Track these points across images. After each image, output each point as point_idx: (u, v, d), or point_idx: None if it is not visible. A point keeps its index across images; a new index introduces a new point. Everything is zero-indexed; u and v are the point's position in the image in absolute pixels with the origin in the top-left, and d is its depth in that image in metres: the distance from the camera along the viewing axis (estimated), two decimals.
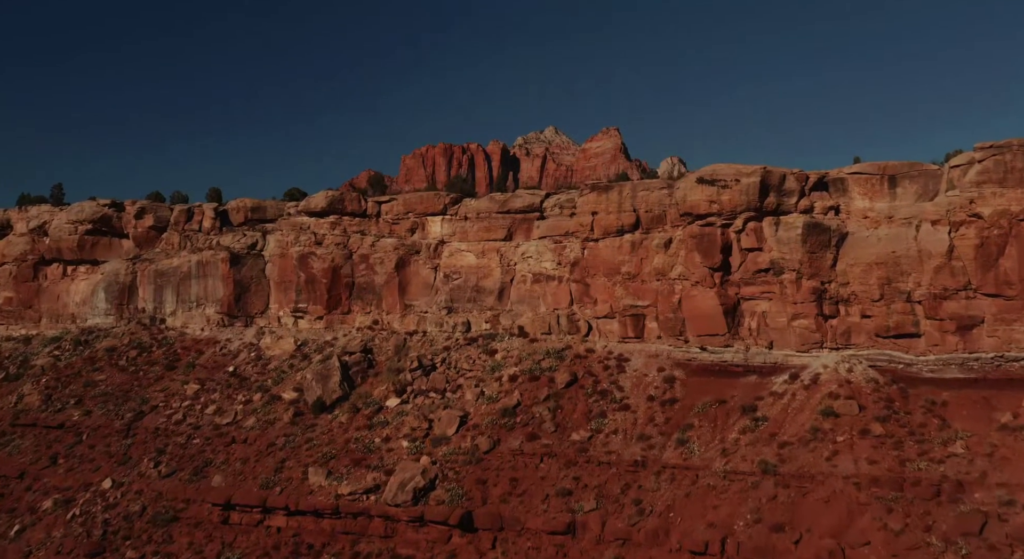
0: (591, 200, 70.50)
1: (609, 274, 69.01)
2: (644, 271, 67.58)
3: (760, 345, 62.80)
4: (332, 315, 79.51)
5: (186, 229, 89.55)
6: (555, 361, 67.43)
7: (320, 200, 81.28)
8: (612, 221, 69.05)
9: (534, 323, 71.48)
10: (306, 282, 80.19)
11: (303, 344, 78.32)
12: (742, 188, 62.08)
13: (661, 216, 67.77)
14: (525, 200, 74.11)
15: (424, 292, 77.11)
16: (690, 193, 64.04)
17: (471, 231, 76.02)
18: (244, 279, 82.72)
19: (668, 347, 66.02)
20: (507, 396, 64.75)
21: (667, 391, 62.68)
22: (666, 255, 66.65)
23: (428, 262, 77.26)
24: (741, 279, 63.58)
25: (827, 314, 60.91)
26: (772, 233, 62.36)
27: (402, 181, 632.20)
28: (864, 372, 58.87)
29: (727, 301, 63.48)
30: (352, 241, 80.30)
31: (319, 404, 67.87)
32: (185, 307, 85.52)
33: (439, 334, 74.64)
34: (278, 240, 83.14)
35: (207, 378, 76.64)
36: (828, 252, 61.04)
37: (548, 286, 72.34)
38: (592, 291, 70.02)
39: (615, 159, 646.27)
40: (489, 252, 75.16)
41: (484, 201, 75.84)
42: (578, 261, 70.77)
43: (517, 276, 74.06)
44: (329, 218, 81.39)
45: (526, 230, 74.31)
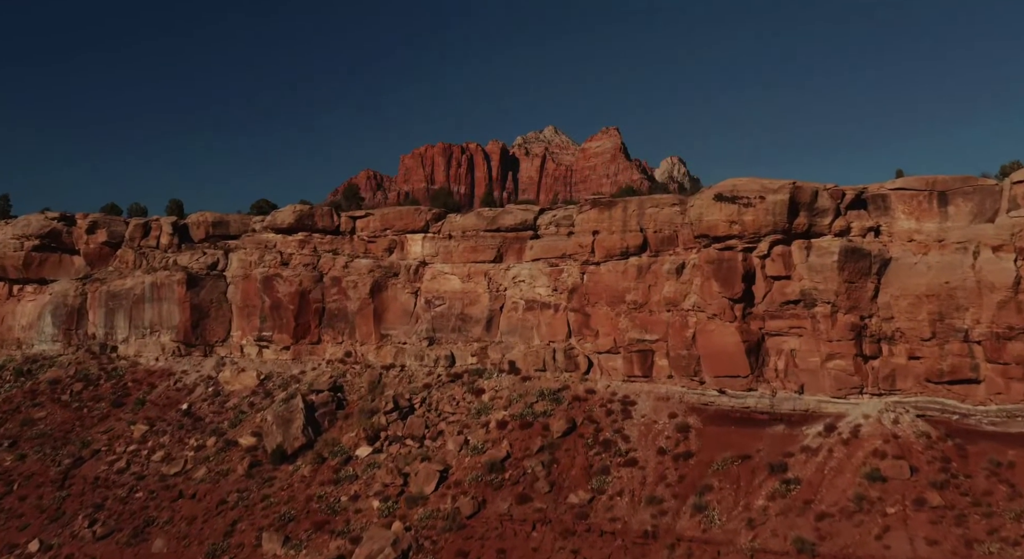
0: (591, 217, 61.70)
1: (612, 303, 60.23)
2: (652, 300, 58.80)
3: (789, 389, 53.99)
4: (300, 345, 70.62)
5: (142, 246, 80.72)
6: (550, 404, 58.57)
7: (287, 215, 72.41)
8: (615, 242, 60.26)
9: (526, 358, 62.62)
10: (271, 308, 71.34)
11: (267, 378, 69.44)
12: (768, 206, 53.28)
13: (672, 237, 59.01)
14: (516, 216, 65.27)
15: (403, 320, 68.26)
16: (706, 212, 55.21)
17: (456, 251, 67.18)
18: (203, 303, 73.83)
19: (681, 389, 57.24)
20: (495, 447, 55.89)
21: (680, 442, 53.86)
22: (678, 282, 57.87)
23: (407, 286, 68.43)
24: (766, 312, 54.79)
25: (867, 354, 52.13)
26: (802, 259, 53.55)
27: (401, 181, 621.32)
28: (913, 424, 50.07)
29: (750, 337, 54.67)
30: (323, 262, 71.41)
31: (279, 453, 59.00)
32: (138, 334, 76.65)
33: (419, 369, 65.77)
34: (241, 259, 74.28)
35: (157, 418, 67.75)
36: (868, 281, 52.25)
37: (542, 315, 63.51)
38: (593, 322, 61.21)
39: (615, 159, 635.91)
40: (476, 275, 66.33)
41: (470, 217, 66.99)
42: (577, 287, 61.96)
43: (507, 303, 65.23)
44: (297, 236, 72.53)
45: (518, 251, 65.47)
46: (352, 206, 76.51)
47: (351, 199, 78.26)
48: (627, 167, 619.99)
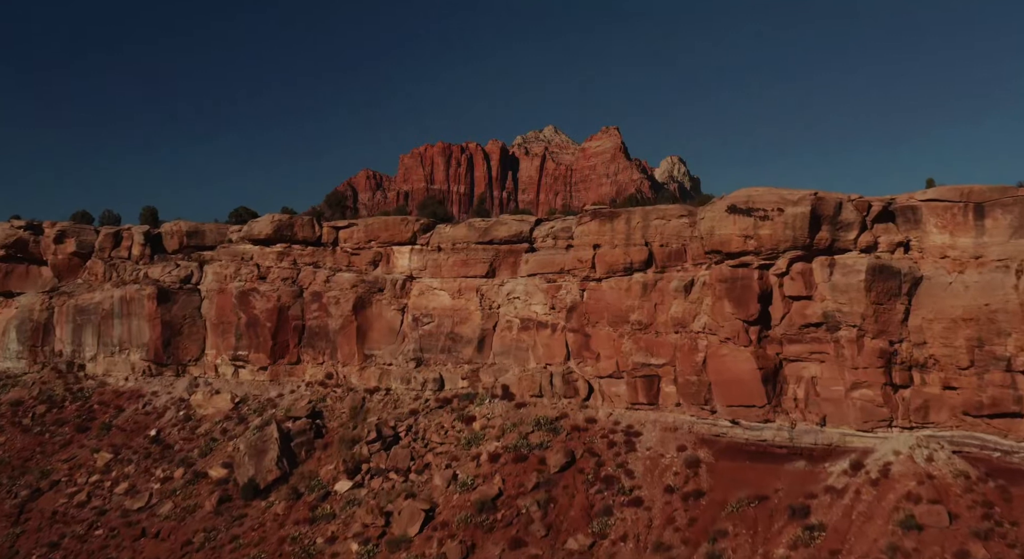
0: (592, 230, 56.68)
1: (615, 323, 55.24)
2: (659, 321, 53.81)
3: (810, 421, 48.98)
4: (278, 366, 65.60)
5: (113, 257, 75.70)
6: (547, 434, 53.56)
7: (264, 225, 67.36)
8: (618, 256, 55.27)
9: (521, 382, 57.61)
10: (247, 325, 66.30)
11: (242, 401, 64.44)
12: (787, 220, 48.24)
13: (680, 252, 54.03)
14: (511, 228, 60.23)
15: (388, 339, 63.24)
16: (719, 225, 50.17)
17: (445, 265, 62.14)
18: (175, 320, 68.79)
19: (690, 418, 52.24)
20: (486, 483, 50.88)
21: (690, 479, 48.87)
22: (687, 301, 52.87)
23: (393, 302, 63.39)
24: (784, 335, 49.77)
25: (897, 383, 47.11)
26: (825, 277, 48.51)
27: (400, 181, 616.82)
28: (949, 462, 45.06)
29: (766, 363, 49.66)
30: (303, 275, 66.36)
31: (251, 487, 54.01)
32: (107, 352, 71.63)
33: (405, 392, 60.75)
34: (216, 272, 69.25)
35: (123, 445, 62.76)
36: (898, 303, 47.22)
37: (539, 335, 58.49)
38: (593, 343, 56.21)
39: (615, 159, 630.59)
40: (467, 291, 61.32)
41: (461, 228, 61.94)
42: (576, 305, 56.96)
43: (501, 322, 60.22)
44: (276, 247, 67.47)
45: (512, 265, 60.45)
46: (336, 215, 71.51)
47: (335, 207, 73.13)
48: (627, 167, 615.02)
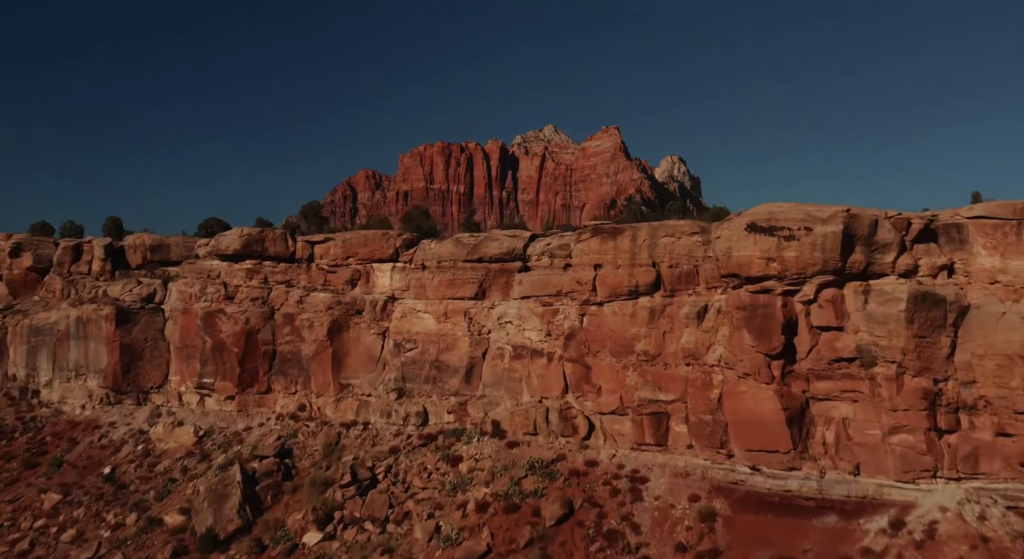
0: (592, 248, 50.66)
1: (618, 352, 49.24)
2: (668, 351, 47.81)
3: (841, 469, 42.95)
4: (246, 395, 59.57)
5: (72, 272, 69.67)
6: (542, 480, 47.53)
7: (232, 240, 61.25)
8: (622, 278, 49.25)
9: (514, 417, 51.58)
10: (212, 350, 60.25)
11: (206, 435, 58.42)
12: (815, 240, 42.17)
13: (691, 273, 48.00)
14: (502, 244, 54.15)
15: (367, 366, 57.21)
16: (737, 245, 44.10)
17: (430, 285, 56.10)
18: (135, 343, 62.76)
19: (704, 462, 46.23)
20: (472, 537, 44.85)
21: (705, 535, 42.86)
22: (700, 330, 46.86)
23: (373, 326, 57.35)
24: (811, 371, 43.75)
25: (943, 428, 41.09)
26: (859, 305, 42.46)
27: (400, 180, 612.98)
28: (1006, 521, 39.03)
29: (791, 402, 43.63)
30: (274, 295, 60.31)
31: (209, 538, 47.97)
32: (63, 377, 65.63)
33: (385, 427, 54.73)
34: (181, 291, 63.22)
35: (75, 483, 56.73)
36: (943, 335, 41.17)
37: (534, 365, 52.48)
38: (595, 375, 50.22)
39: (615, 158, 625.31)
40: (454, 314, 55.28)
41: (447, 245, 55.87)
42: (575, 332, 50.96)
43: (491, 349, 54.20)
44: (245, 264, 61.38)
45: (504, 285, 54.41)
46: (313, 227, 65.25)
47: (311, 219, 66.81)
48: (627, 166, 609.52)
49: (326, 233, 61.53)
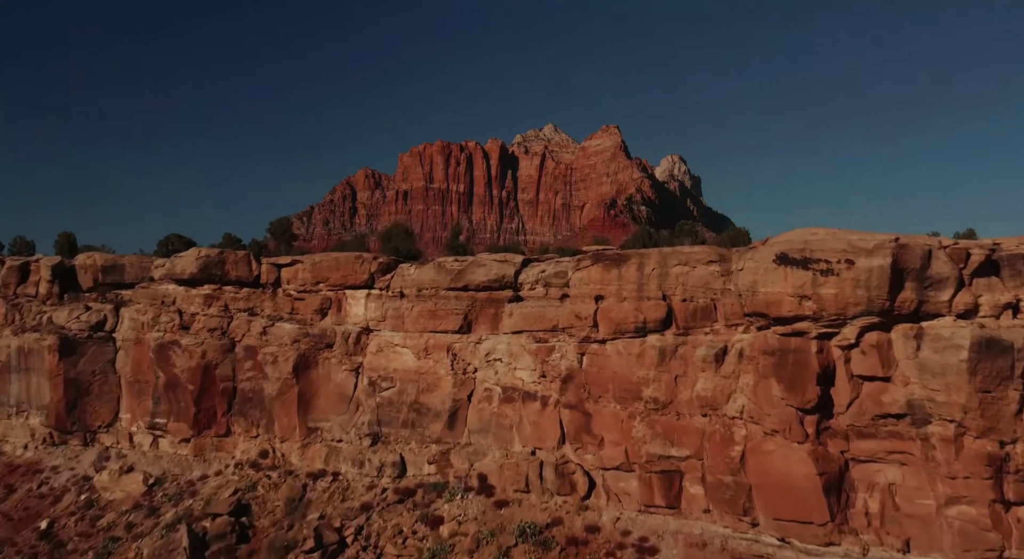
0: (593, 277, 44.01)
1: (623, 398, 42.64)
2: (681, 398, 41.20)
3: (888, 545, 36.29)
4: (203, 438, 52.94)
5: (19, 294, 62.96)
6: (535, 549, 40.88)
7: (189, 262, 54.55)
8: (627, 313, 42.61)
9: (503, 471, 44.93)
10: (166, 386, 53.64)
11: (157, 483, 51.81)
12: (858, 275, 35.48)
13: (708, 308, 41.35)
14: (491, 270, 47.48)
15: (338, 407, 50.59)
16: (764, 279, 37.42)
17: (409, 315, 49.45)
18: (82, 376, 56.13)
19: (723, 530, 39.58)
20: None
21: None
22: (718, 375, 40.22)
23: (345, 361, 50.72)
24: (852, 427, 37.09)
25: (1011, 499, 34.44)
26: (910, 352, 35.79)
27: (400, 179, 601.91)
28: None
29: (828, 466, 36.98)
30: (236, 325, 53.64)
31: None
32: (3, 413, 59.03)
33: (358, 478, 48.10)
34: (133, 319, 56.58)
35: (7, 539, 50.11)
36: (1011, 389, 34.48)
37: (526, 409, 45.85)
38: (596, 424, 43.61)
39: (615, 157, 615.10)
40: (436, 350, 48.63)
41: (428, 270, 49.20)
42: (573, 373, 44.34)
43: (478, 390, 47.58)
44: (203, 289, 54.72)
45: (492, 317, 47.75)
46: (282, 247, 58.37)
47: (280, 237, 59.86)
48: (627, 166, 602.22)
49: (294, 255, 54.74)
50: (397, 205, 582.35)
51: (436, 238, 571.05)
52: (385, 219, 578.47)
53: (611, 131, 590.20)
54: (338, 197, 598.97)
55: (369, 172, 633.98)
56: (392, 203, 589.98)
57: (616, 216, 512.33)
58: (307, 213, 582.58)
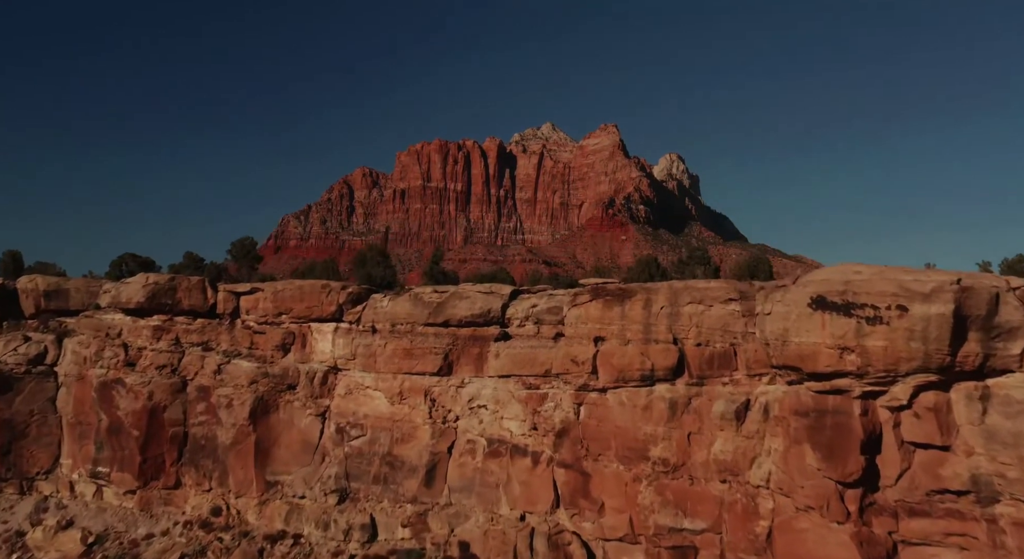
0: (592, 315, 37.90)
1: (627, 457, 36.58)
2: (695, 460, 35.12)
3: None
4: (150, 490, 46.75)
5: None
6: None
7: (135, 290, 48.32)
8: (632, 358, 36.52)
9: (488, 539, 38.79)
10: (108, 431, 47.48)
11: (97, 542, 45.60)
12: (913, 324, 29.35)
13: (727, 355, 35.27)
14: (475, 303, 41.34)
15: (301, 458, 44.45)
16: (797, 326, 31.29)
17: (382, 354, 43.30)
18: (18, 417, 49.91)
19: None
20: None
21: None
22: (739, 435, 34.14)
23: (310, 404, 44.59)
24: (902, 504, 30.98)
25: None
26: (974, 417, 29.68)
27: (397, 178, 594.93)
28: None
29: (873, 550, 30.86)
30: (188, 361, 47.47)
31: None
32: None
33: (322, 542, 41.92)
34: (75, 352, 50.40)
35: None
36: None
37: (515, 466, 39.74)
38: (595, 487, 37.51)
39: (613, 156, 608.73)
40: (412, 394, 42.51)
41: (404, 302, 43.03)
42: (569, 426, 38.24)
43: (460, 441, 41.45)
44: (152, 320, 48.54)
45: (476, 358, 41.62)
46: (244, 270, 52.02)
47: (243, 259, 53.35)
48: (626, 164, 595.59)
49: (255, 282, 48.45)
50: (395, 204, 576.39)
51: (434, 237, 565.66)
52: (383, 218, 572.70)
53: (609, 130, 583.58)
54: (335, 196, 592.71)
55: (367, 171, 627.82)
56: (390, 202, 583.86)
57: (614, 215, 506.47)
58: (304, 212, 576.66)
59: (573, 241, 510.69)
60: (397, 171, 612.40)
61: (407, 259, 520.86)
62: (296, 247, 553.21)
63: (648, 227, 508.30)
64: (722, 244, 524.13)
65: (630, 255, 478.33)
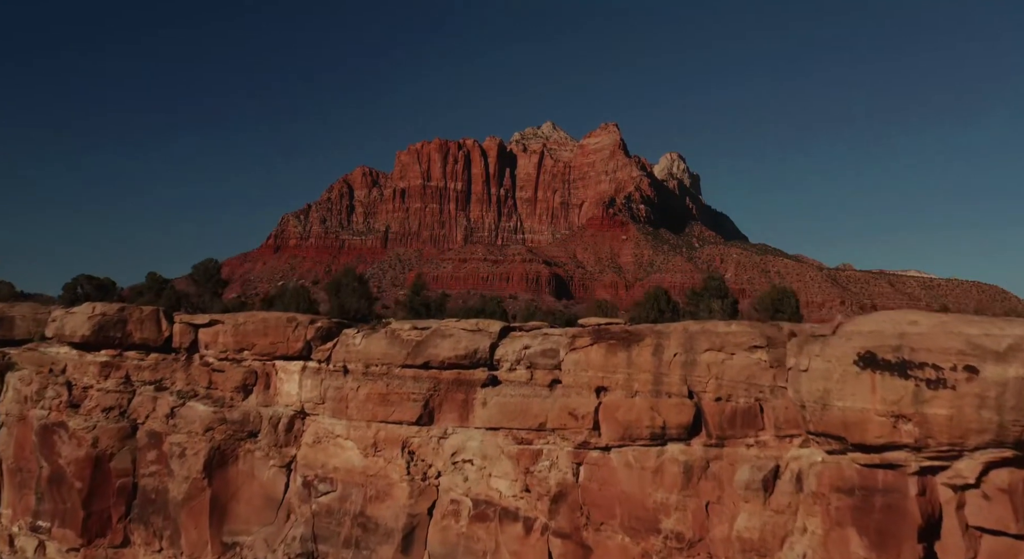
0: (593, 361, 32.68)
1: (635, 529, 31.34)
2: (715, 534, 29.89)
3: None
4: (94, 549, 41.48)
5: None
6: None
7: (80, 322, 43.04)
8: (640, 413, 31.31)
9: None
10: (49, 481, 42.26)
11: None
12: (984, 390, 24.11)
13: (752, 412, 30.04)
14: (460, 343, 36.09)
15: (263, 515, 39.22)
16: (840, 388, 26.04)
17: (355, 398, 38.08)
18: None
19: None
20: None
21: None
22: (767, 508, 28.89)
23: (274, 454, 39.37)
24: None
25: None
26: None
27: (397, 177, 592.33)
28: None
29: None
30: (138, 403, 42.26)
31: None
32: None
33: None
34: (17, 388, 45.19)
35: None
36: None
37: (504, 532, 34.48)
38: None
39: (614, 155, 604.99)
40: (388, 445, 37.28)
41: (379, 340, 37.78)
42: (567, 490, 33.01)
43: (442, 501, 36.19)
44: (100, 355, 43.31)
45: (461, 405, 36.37)
46: (206, 296, 46.61)
47: (206, 283, 47.84)
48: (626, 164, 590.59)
49: (216, 312, 43.12)
50: (395, 203, 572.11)
51: (434, 236, 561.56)
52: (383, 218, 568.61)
53: (610, 129, 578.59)
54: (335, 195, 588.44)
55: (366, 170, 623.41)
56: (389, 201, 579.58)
57: (615, 215, 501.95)
58: (304, 212, 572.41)
59: (573, 241, 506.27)
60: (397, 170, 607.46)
61: (407, 259, 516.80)
62: (296, 246, 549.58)
63: (649, 226, 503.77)
64: (723, 244, 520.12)
65: (630, 255, 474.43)
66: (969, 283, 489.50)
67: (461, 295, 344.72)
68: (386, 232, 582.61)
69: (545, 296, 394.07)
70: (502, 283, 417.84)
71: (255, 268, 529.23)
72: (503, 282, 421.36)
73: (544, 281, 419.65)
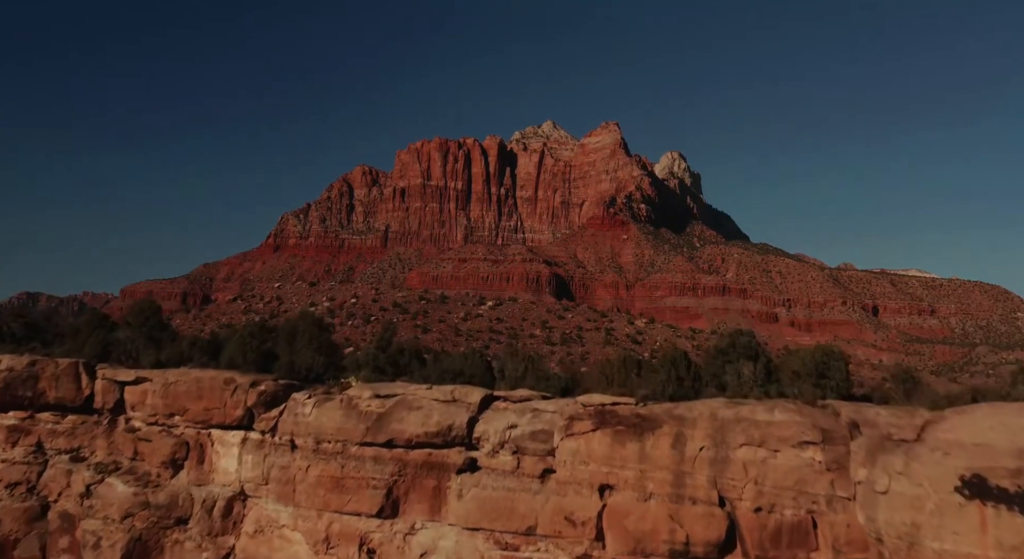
0: (596, 451, 25.65)
1: None
2: None
3: None
4: None
5: None
6: None
7: None
8: (656, 522, 24.32)
9: None
10: None
11: None
12: None
13: (803, 529, 23.03)
14: (432, 415, 29.02)
15: None
16: (937, 526, 18.99)
17: (303, 481, 31.08)
18: None
19: None
20: None
21: None
22: None
23: (207, 545, 32.39)
24: None
25: None
26: None
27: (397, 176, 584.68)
28: None
29: None
30: (50, 476, 35.28)
31: None
32: None
33: None
34: None
35: None
36: None
37: None
38: None
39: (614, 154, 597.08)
40: (343, 541, 30.28)
41: (333, 411, 30.73)
42: None
43: None
44: (7, 417, 36.31)
45: (432, 494, 29.35)
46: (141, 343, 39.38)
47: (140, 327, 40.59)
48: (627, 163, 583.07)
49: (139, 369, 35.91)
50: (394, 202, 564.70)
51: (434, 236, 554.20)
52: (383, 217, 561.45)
53: (610, 128, 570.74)
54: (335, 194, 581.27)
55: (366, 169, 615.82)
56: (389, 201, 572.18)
57: (615, 214, 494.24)
58: (304, 211, 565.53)
59: (574, 240, 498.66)
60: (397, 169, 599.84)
61: (407, 258, 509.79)
62: (295, 246, 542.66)
63: (649, 226, 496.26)
64: (724, 243, 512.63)
65: (631, 254, 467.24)
66: (971, 283, 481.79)
67: (460, 297, 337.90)
68: (386, 231, 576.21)
69: (545, 296, 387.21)
70: (502, 283, 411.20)
71: (255, 267, 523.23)
72: (503, 282, 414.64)
73: (544, 281, 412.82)
